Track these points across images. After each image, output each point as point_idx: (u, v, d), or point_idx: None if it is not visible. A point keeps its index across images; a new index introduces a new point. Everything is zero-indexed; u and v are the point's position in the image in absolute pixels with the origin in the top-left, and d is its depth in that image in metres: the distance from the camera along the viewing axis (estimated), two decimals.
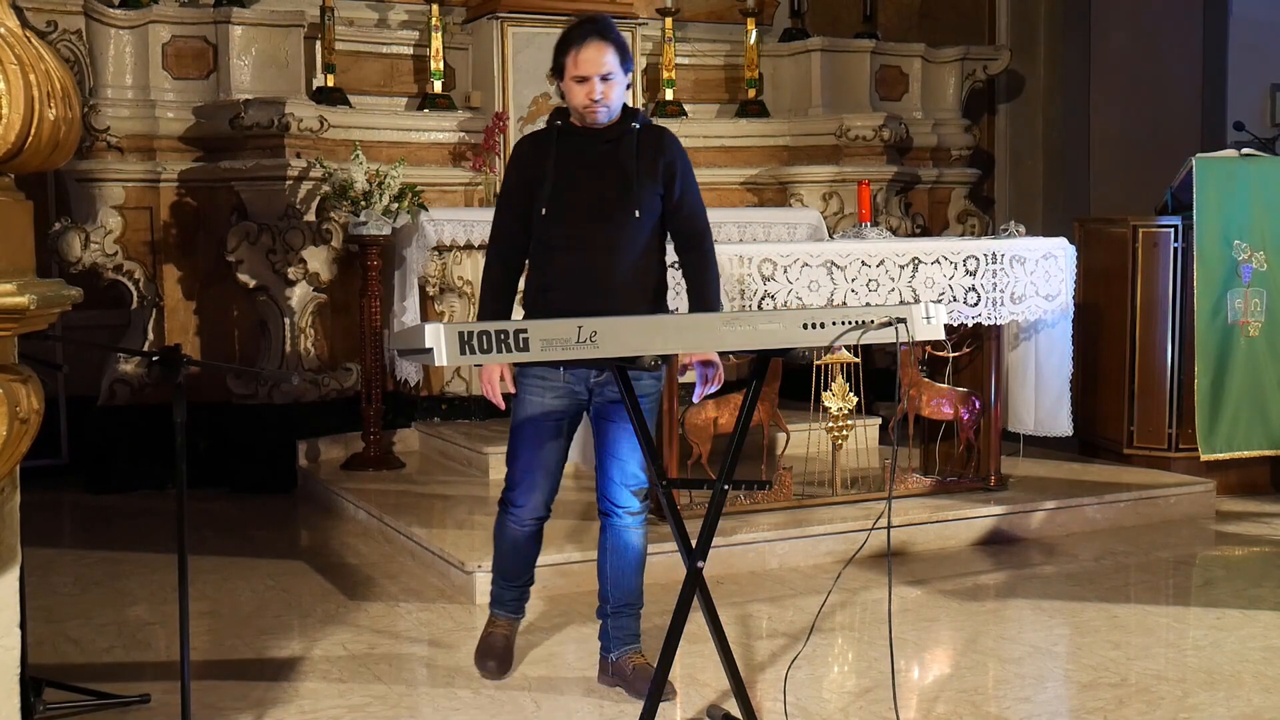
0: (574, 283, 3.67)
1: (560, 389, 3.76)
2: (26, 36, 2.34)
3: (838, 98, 8.30)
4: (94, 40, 6.81)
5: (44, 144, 2.32)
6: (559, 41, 3.74)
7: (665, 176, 3.74)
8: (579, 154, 3.73)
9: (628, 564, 3.84)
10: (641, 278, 3.74)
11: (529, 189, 3.75)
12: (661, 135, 3.83)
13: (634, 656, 3.85)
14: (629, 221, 3.68)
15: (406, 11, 7.71)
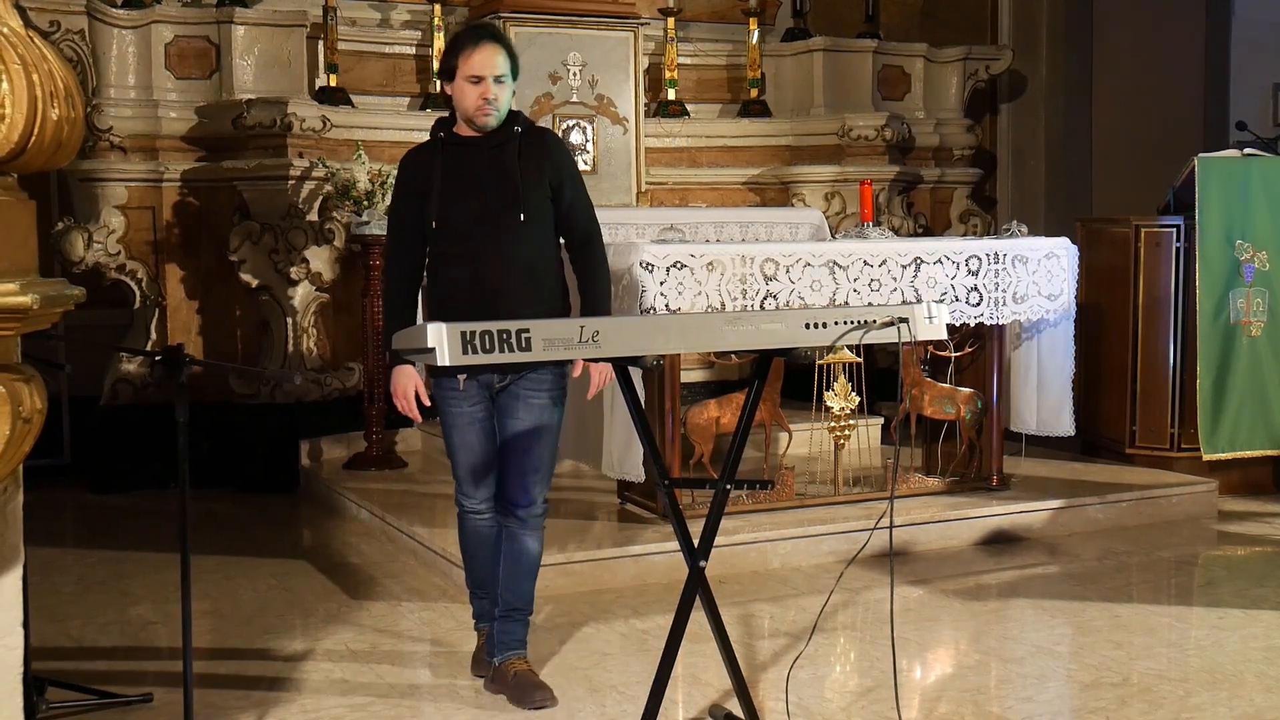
0: (467, 292, 3.69)
1: (471, 396, 3.77)
2: (30, 36, 2.34)
3: (840, 98, 8.30)
4: (97, 40, 6.82)
5: (47, 144, 2.32)
6: (450, 44, 3.79)
7: (552, 180, 3.75)
8: (464, 163, 3.74)
9: (521, 569, 3.84)
10: (536, 283, 3.73)
11: (417, 203, 3.76)
12: (544, 138, 3.86)
13: (516, 662, 3.83)
14: (517, 228, 3.69)
15: (409, 11, 7.72)
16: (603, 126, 7.62)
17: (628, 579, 4.95)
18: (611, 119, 7.64)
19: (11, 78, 2.24)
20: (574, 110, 7.55)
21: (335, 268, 7.01)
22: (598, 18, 7.64)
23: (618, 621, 4.54)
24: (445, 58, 3.76)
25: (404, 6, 7.74)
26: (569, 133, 7.52)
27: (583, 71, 7.57)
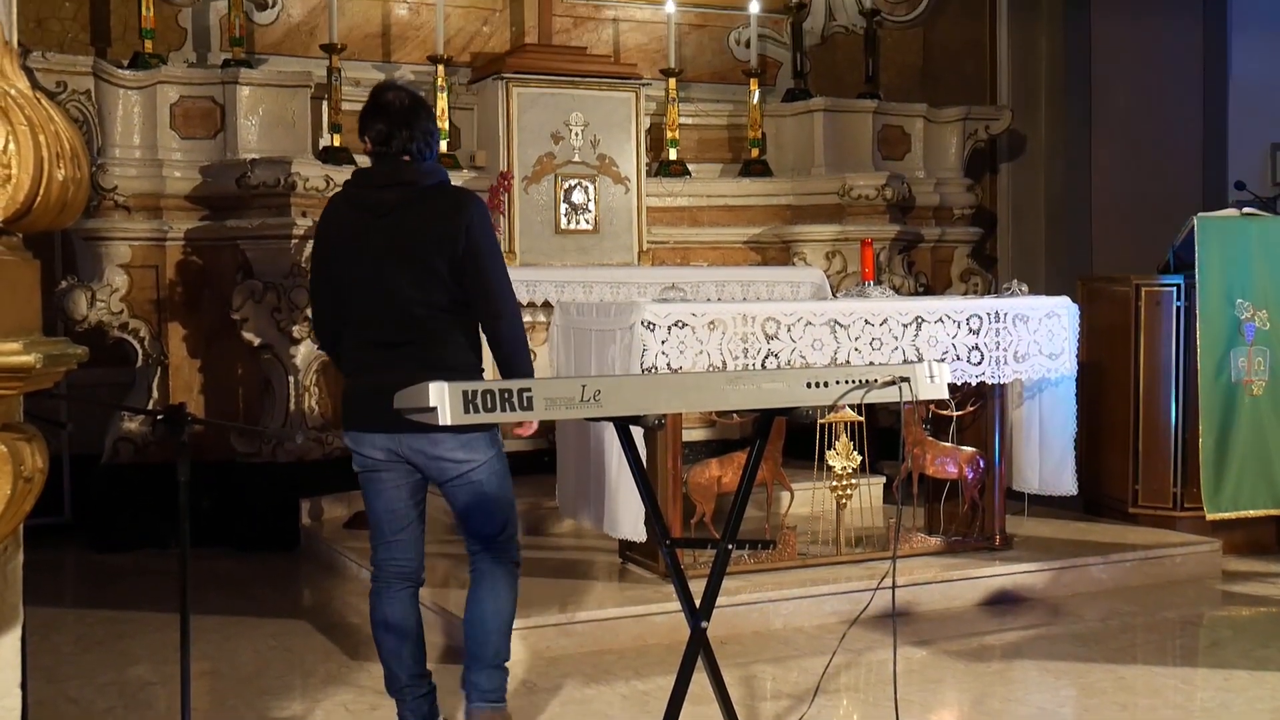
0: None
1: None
2: (37, 98, 2.36)
3: (840, 157, 8.34)
4: (103, 100, 6.87)
5: (52, 204, 2.33)
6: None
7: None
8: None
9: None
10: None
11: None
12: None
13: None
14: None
15: (413, 72, 7.77)
16: (604, 186, 7.66)
17: (629, 639, 4.92)
18: (613, 178, 7.68)
19: (18, 139, 2.26)
20: (576, 170, 7.60)
21: None
22: (600, 78, 7.70)
23: (619, 683, 4.51)
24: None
25: (407, 67, 7.80)
26: (571, 192, 7.56)
27: (585, 131, 7.62)
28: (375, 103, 3.86)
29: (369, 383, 3.70)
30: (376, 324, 3.71)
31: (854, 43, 8.87)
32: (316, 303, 3.90)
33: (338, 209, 3.86)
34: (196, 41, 7.39)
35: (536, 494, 6.39)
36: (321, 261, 3.84)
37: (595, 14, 8.32)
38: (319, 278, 3.86)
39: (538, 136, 7.50)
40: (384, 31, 7.80)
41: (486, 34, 8.03)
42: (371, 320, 3.72)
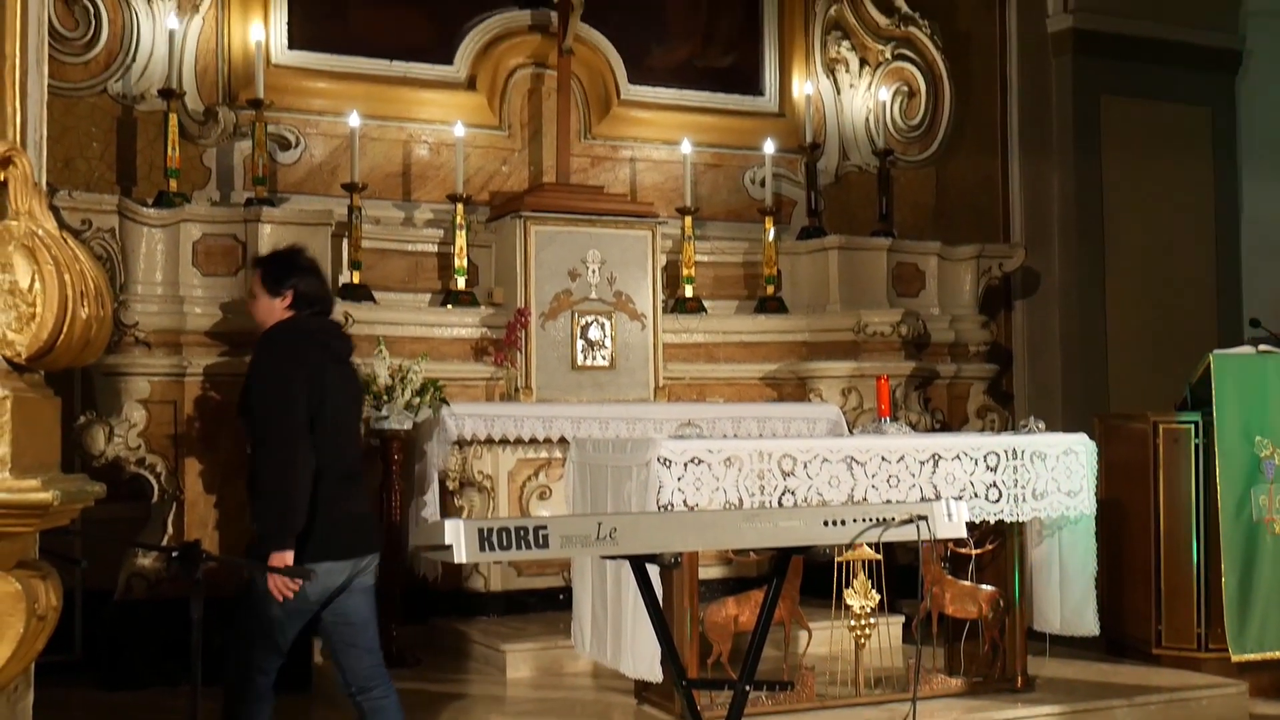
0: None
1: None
2: (64, 237, 2.40)
3: (855, 294, 8.39)
4: (126, 238, 6.96)
5: (75, 342, 2.37)
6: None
7: None
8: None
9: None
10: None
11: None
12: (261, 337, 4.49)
13: None
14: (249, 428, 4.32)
15: (432, 210, 7.88)
16: (621, 322, 7.71)
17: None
18: (630, 315, 7.73)
19: (44, 278, 2.30)
20: (593, 306, 7.65)
21: None
22: (617, 216, 7.80)
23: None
24: None
25: (427, 205, 7.92)
26: (587, 329, 7.61)
27: (601, 268, 7.69)
28: (303, 261, 4.59)
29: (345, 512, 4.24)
30: (346, 458, 4.30)
31: (868, 181, 8.98)
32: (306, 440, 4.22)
33: (317, 354, 4.34)
34: (220, 180, 7.52)
35: (552, 632, 6.32)
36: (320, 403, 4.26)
37: (612, 154, 8.45)
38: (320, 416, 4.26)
39: (555, 274, 7.58)
40: (404, 171, 7.94)
41: (505, 173, 8.16)
42: (344, 455, 4.29)
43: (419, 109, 7.95)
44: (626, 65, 8.43)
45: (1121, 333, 9.36)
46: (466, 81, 8.07)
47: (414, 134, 7.96)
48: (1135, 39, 9.55)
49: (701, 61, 8.73)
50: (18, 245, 2.32)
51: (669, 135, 8.44)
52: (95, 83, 7.22)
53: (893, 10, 9.17)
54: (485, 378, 7.63)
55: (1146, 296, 9.40)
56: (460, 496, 7.16)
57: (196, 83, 7.45)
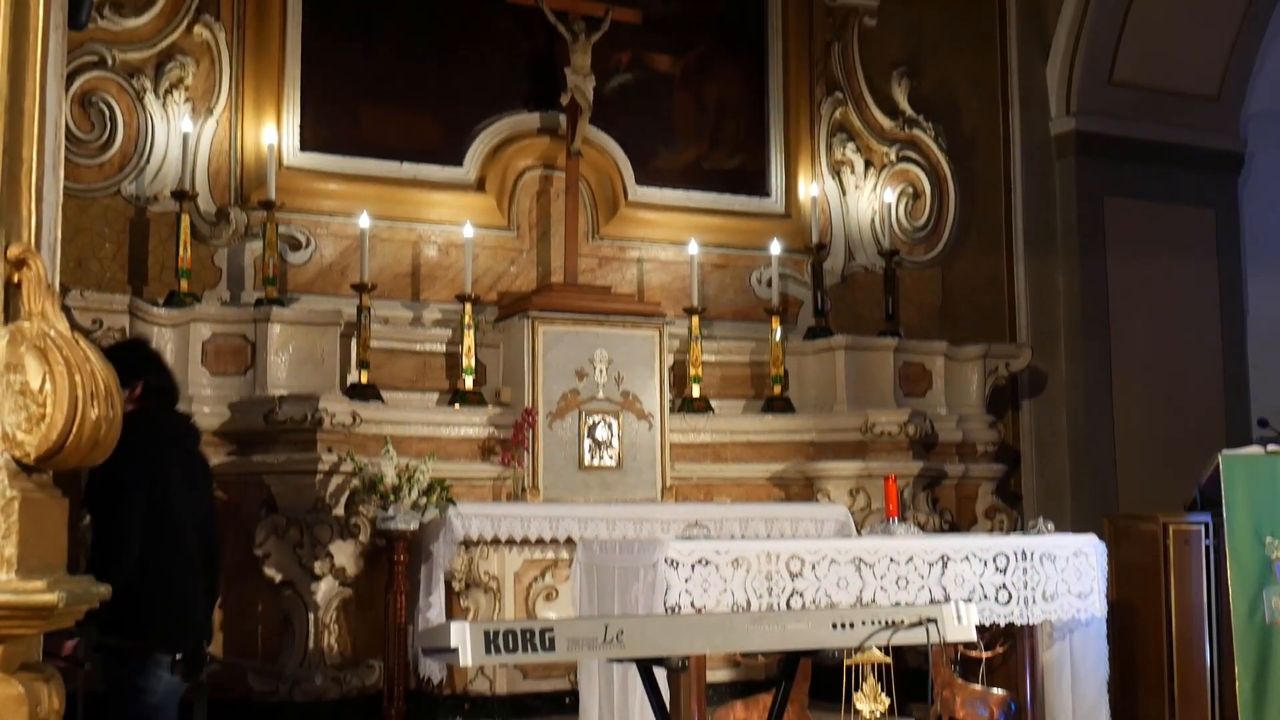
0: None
1: None
2: (75, 338, 2.42)
3: (862, 394, 8.40)
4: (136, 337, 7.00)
5: (84, 442, 2.37)
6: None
7: None
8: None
9: None
10: None
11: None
12: None
13: None
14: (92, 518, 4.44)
15: (440, 310, 7.93)
16: (628, 422, 7.71)
17: None
18: (637, 415, 7.74)
19: (55, 379, 2.31)
20: (600, 406, 7.66)
21: (359, 562, 6.98)
22: (624, 316, 7.83)
23: None
24: None
25: (436, 305, 7.96)
26: (594, 428, 7.61)
27: (609, 368, 7.71)
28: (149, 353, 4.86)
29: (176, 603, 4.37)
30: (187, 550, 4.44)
31: (874, 281, 9.03)
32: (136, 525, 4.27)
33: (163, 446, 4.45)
34: (231, 280, 7.57)
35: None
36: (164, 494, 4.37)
37: (620, 254, 8.52)
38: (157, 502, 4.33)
39: (562, 373, 7.59)
40: (414, 271, 7.99)
41: (513, 274, 8.21)
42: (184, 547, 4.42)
43: (429, 210, 8.03)
44: (634, 167, 8.52)
45: (1130, 433, 9.34)
46: (476, 183, 8.16)
47: (423, 234, 8.03)
48: (1137, 141, 9.65)
49: (708, 163, 8.83)
50: (30, 346, 2.33)
51: (676, 236, 8.51)
52: (109, 184, 7.31)
53: (897, 113, 9.29)
54: (492, 477, 7.61)
55: (1154, 396, 9.40)
56: (466, 598, 7.11)
57: (209, 184, 7.54)
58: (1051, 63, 9.67)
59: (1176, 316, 9.60)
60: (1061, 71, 9.60)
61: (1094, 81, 9.60)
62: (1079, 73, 9.55)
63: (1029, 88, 9.71)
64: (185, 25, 7.52)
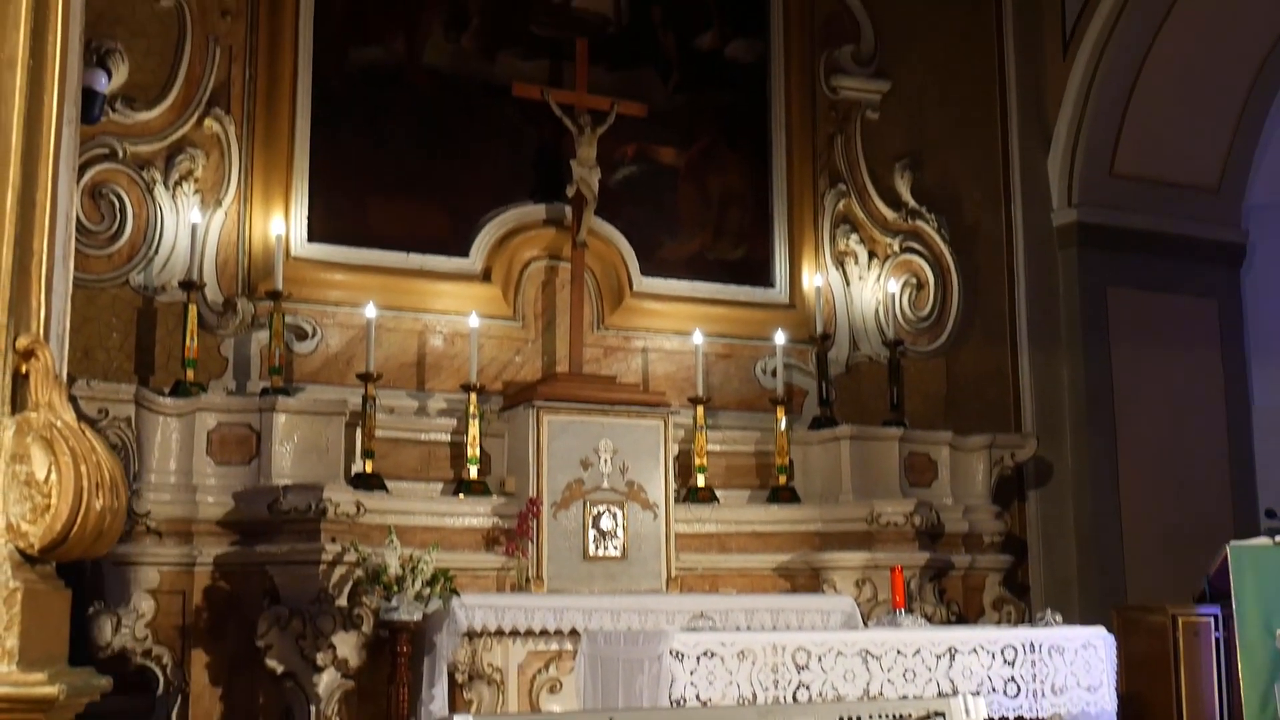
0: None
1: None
2: (81, 429, 2.43)
3: (868, 484, 8.37)
4: (142, 427, 7.00)
5: (89, 533, 2.37)
6: None
7: None
8: None
9: None
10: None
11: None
12: None
13: None
14: None
15: (446, 400, 7.93)
16: (633, 512, 7.68)
17: None
18: (642, 505, 7.71)
19: (60, 470, 2.31)
20: (605, 496, 7.64)
21: (362, 654, 6.92)
22: (629, 406, 7.83)
23: None
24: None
25: (441, 395, 7.97)
26: (599, 518, 7.59)
27: (613, 458, 7.70)
28: None
29: None
30: None
31: (878, 371, 9.04)
32: None
33: None
34: (237, 370, 7.59)
35: None
36: None
37: (625, 344, 8.54)
38: None
39: (567, 463, 7.58)
40: (419, 361, 8.01)
41: (519, 363, 8.23)
42: None
43: (434, 300, 8.07)
44: (639, 257, 8.57)
45: (1137, 524, 9.29)
46: (482, 273, 8.21)
47: (429, 324, 8.06)
48: (1139, 232, 9.72)
49: (713, 254, 8.88)
50: (36, 437, 2.35)
51: (681, 326, 8.54)
52: (117, 274, 7.35)
53: (900, 205, 9.36)
54: (496, 568, 7.58)
55: (1161, 486, 9.36)
56: (469, 689, 7.04)
57: (217, 274, 7.59)
58: (1053, 155, 9.76)
59: (1182, 406, 9.60)
60: (1063, 164, 9.69)
61: (1095, 174, 9.68)
62: (1080, 165, 9.63)
63: (1031, 180, 9.79)
64: (196, 119, 7.62)
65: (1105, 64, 9.54)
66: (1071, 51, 9.68)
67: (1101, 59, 9.53)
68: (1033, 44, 9.90)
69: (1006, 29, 9.92)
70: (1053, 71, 9.82)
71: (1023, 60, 9.87)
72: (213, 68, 7.70)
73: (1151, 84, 9.61)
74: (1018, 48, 9.88)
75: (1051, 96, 9.81)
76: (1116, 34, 9.46)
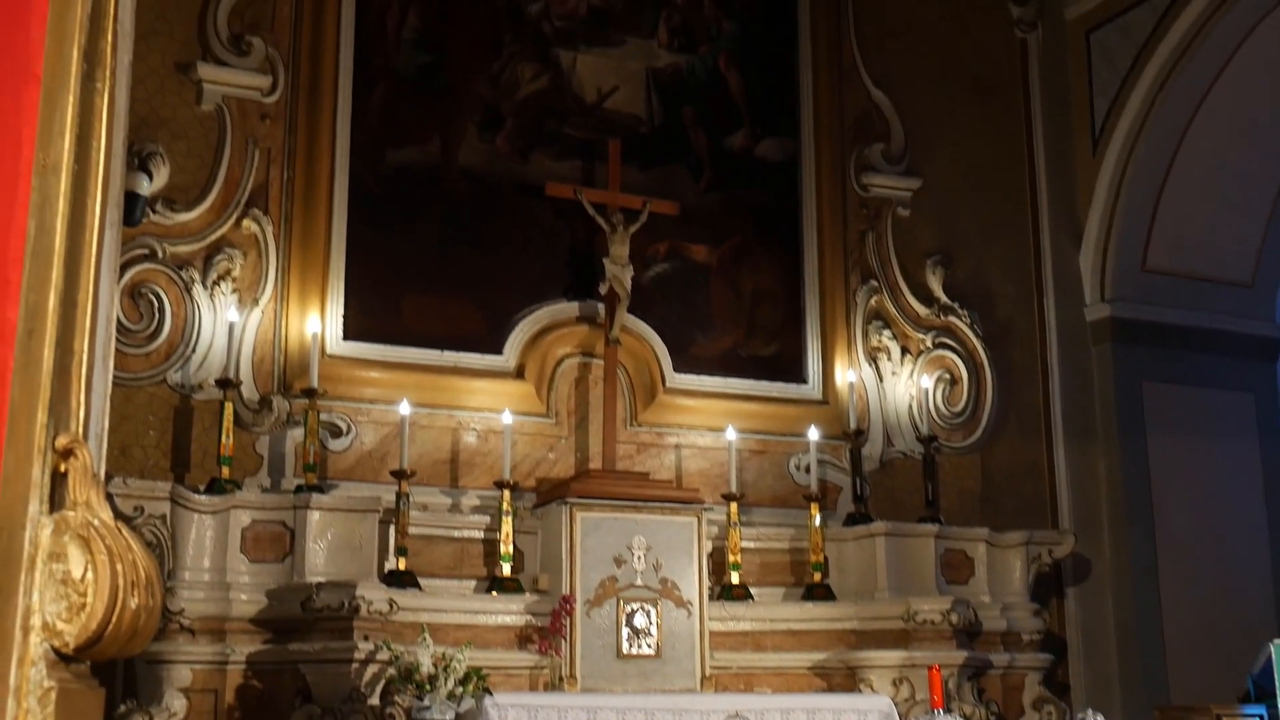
0: None
1: None
2: (118, 527, 2.44)
3: (904, 581, 8.29)
4: (177, 524, 7.02)
5: (124, 632, 2.37)
6: None
7: None
8: None
9: None
10: None
11: None
12: None
13: None
14: None
15: (479, 497, 7.93)
16: (667, 610, 7.63)
17: None
18: (675, 602, 7.66)
19: (97, 568, 2.32)
20: (638, 594, 7.59)
21: None
22: (662, 503, 7.81)
23: None
24: None
25: (474, 492, 7.97)
26: (633, 616, 7.53)
27: (647, 555, 7.66)
28: None
29: None
30: None
31: (913, 467, 9.00)
32: None
33: None
34: (272, 467, 7.62)
35: None
36: None
37: (658, 440, 8.54)
38: None
39: (600, 560, 7.55)
40: (453, 458, 8.03)
41: (552, 460, 8.24)
42: None
43: (468, 397, 8.10)
44: (671, 354, 8.60)
45: (1178, 620, 9.16)
46: (515, 370, 8.25)
47: (463, 421, 8.09)
48: (1173, 327, 9.70)
49: (745, 350, 8.90)
50: (73, 535, 2.36)
51: (714, 422, 8.54)
52: (155, 373, 7.43)
53: (932, 300, 9.38)
54: (529, 666, 7.52)
55: (1201, 582, 9.24)
56: None
57: (253, 372, 7.66)
58: (1084, 250, 9.78)
59: (1221, 501, 9.50)
60: (1094, 259, 9.71)
61: (1127, 269, 9.69)
62: (1112, 260, 9.65)
63: (1063, 275, 9.81)
64: (234, 219, 7.74)
65: (1135, 160, 9.59)
66: (1101, 147, 9.74)
67: (1131, 155, 9.58)
68: (1062, 140, 9.97)
69: (1036, 125, 10.00)
70: (1083, 167, 9.87)
71: (1052, 156, 9.94)
72: (251, 169, 7.84)
73: (1182, 179, 9.65)
74: (1047, 144, 9.95)
75: (1082, 192, 9.86)
76: (1146, 130, 9.52)
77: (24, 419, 2.43)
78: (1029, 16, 10.15)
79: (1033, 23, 10.16)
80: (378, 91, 8.23)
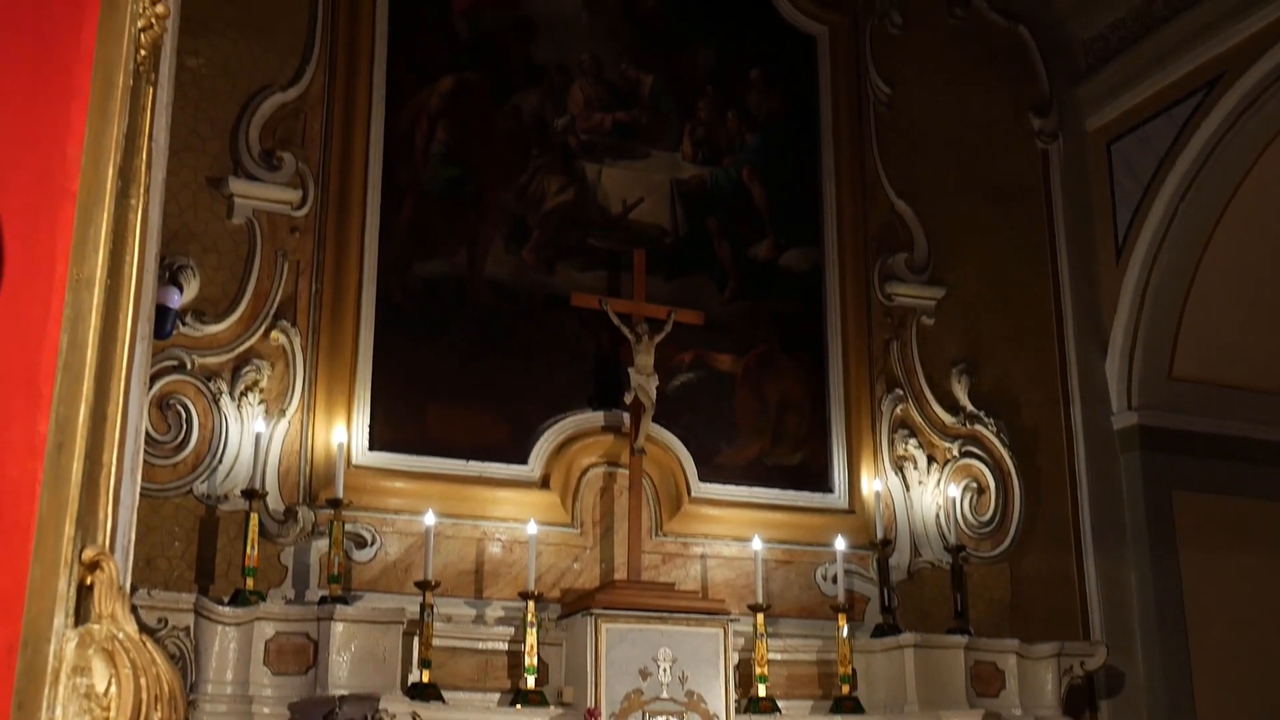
0: None
1: None
2: (142, 640, 2.44)
3: (933, 693, 8.18)
4: (201, 636, 6.99)
5: None
6: None
7: None
8: None
9: None
10: None
11: None
12: None
13: None
14: None
15: (503, 608, 7.88)
16: None
17: None
18: (702, 715, 7.56)
19: (120, 682, 2.32)
20: (664, 706, 7.50)
21: None
22: (688, 614, 7.75)
23: None
24: None
25: (498, 603, 7.92)
26: None
27: (673, 667, 7.58)
28: None
29: None
30: None
31: (941, 578, 8.91)
32: None
33: None
34: (296, 578, 7.60)
35: None
36: None
37: (683, 551, 8.49)
38: None
39: (625, 673, 7.47)
40: (477, 568, 7.99)
41: (577, 570, 8.19)
42: None
43: (493, 507, 8.09)
44: (697, 463, 8.59)
45: None
46: (540, 480, 8.24)
47: (488, 532, 8.07)
48: (1202, 435, 9.63)
49: (770, 459, 8.88)
50: (98, 649, 2.36)
51: (739, 532, 8.49)
52: (182, 484, 7.44)
53: (958, 409, 9.36)
54: None
55: (1237, 695, 9.08)
56: None
57: (279, 483, 7.66)
58: (1110, 359, 9.77)
59: (1256, 612, 9.37)
60: (1121, 367, 9.69)
61: (1154, 377, 9.66)
62: (1138, 368, 9.63)
63: (1089, 383, 9.78)
64: (263, 331, 7.81)
65: (1160, 267, 9.61)
66: (1125, 255, 9.77)
67: (1156, 262, 9.60)
68: (1086, 248, 10.01)
69: (1059, 234, 10.05)
70: (1107, 275, 9.89)
71: (1076, 264, 9.97)
72: (280, 281, 7.92)
73: (1207, 286, 9.66)
74: (1071, 252, 9.99)
75: (1106, 300, 9.87)
76: (1170, 238, 9.55)
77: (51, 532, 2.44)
78: (1050, 128, 10.25)
79: (1054, 134, 10.25)
80: (406, 205, 8.34)
